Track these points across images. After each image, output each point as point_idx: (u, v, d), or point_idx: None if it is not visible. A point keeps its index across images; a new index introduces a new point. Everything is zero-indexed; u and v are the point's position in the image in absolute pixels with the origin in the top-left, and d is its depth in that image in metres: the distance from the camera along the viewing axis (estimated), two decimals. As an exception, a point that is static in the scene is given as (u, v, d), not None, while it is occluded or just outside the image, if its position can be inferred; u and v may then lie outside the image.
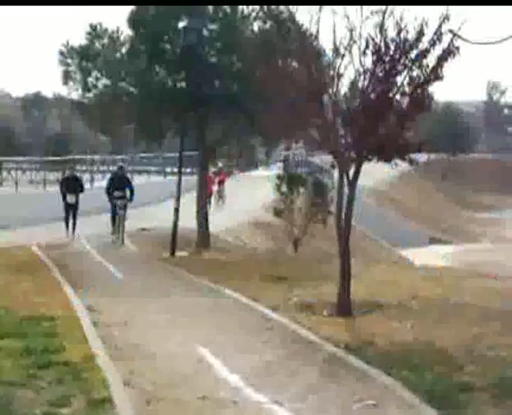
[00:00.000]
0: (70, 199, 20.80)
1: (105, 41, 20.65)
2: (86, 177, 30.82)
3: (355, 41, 10.36)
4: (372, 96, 10.53)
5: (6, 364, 7.78)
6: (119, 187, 20.36)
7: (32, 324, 9.74)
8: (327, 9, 10.57)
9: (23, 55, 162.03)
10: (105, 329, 9.64)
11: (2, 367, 7.69)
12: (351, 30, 10.34)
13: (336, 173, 11.37)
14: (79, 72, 20.76)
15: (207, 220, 21.04)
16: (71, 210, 20.90)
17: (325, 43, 11.03)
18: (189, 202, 21.50)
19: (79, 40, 21.55)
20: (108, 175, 25.40)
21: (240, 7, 19.30)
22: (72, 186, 21.04)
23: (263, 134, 20.25)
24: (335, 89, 10.80)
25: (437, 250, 41.72)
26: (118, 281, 14.43)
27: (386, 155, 11.04)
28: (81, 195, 21.33)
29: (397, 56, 10.28)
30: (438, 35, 10.10)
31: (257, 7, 18.88)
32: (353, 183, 10.87)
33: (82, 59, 20.53)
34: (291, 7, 11.80)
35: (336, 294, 10.93)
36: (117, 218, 20.14)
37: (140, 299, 12.20)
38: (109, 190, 20.36)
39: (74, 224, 20.96)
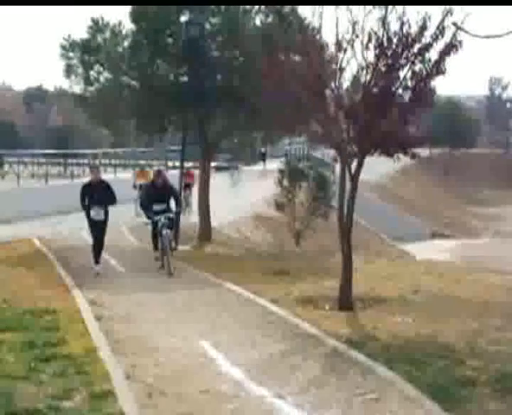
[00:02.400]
0: (96, 214, 14.14)
1: (107, 34, 20.57)
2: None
3: (357, 35, 10.33)
4: (374, 90, 10.51)
5: (8, 358, 7.81)
6: (160, 199, 14.84)
7: (34, 318, 9.78)
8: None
9: (25, 49, 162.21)
10: (107, 323, 9.67)
11: (4, 360, 7.73)
12: (354, 24, 10.32)
13: (337, 167, 11.35)
14: (81, 65, 20.70)
15: (208, 213, 21.05)
16: (98, 229, 14.37)
17: (328, 37, 11.02)
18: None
19: (80, 33, 21.57)
20: (109, 168, 24.93)
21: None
22: (98, 195, 14.14)
23: (265, 128, 20.22)
24: (337, 83, 10.79)
25: (439, 244, 41.69)
26: (120, 275, 14.46)
27: (388, 149, 11.02)
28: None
29: (399, 50, 10.25)
30: (441, 30, 10.08)
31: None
32: (355, 177, 10.88)
33: (84, 52, 20.48)
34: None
35: (338, 288, 10.94)
36: (160, 239, 14.66)
37: (142, 293, 12.22)
38: (144, 204, 15.13)
39: (102, 244, 14.54)
